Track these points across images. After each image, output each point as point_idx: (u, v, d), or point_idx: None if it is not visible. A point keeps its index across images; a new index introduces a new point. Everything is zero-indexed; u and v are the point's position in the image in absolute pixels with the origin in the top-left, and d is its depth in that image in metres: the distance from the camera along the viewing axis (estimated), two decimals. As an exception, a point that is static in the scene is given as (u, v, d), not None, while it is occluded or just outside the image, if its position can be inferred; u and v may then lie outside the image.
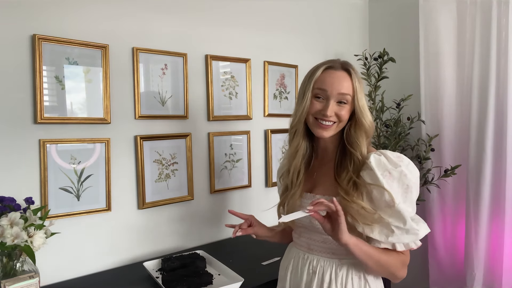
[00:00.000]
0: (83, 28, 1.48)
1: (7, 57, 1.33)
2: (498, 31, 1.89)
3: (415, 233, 0.96)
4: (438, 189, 2.19)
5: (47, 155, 1.41)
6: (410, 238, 0.97)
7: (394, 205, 0.95)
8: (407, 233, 0.96)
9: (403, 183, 0.97)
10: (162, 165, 1.72)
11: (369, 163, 0.98)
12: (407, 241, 0.98)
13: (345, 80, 1.03)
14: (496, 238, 1.97)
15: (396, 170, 0.97)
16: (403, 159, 1.00)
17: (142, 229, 1.68)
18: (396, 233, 0.96)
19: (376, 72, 2.24)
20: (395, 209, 0.95)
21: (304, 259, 1.12)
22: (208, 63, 1.84)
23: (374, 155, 1.00)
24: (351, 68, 1.06)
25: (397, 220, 0.96)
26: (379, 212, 0.97)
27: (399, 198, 0.96)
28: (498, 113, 1.92)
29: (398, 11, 2.47)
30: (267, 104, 2.11)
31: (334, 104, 1.03)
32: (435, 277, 2.26)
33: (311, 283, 1.07)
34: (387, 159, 0.99)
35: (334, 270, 1.05)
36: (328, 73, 1.05)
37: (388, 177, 0.96)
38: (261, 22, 2.07)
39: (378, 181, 0.96)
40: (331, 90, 1.03)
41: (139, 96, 1.63)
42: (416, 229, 0.96)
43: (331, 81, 1.03)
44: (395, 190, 0.96)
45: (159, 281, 1.37)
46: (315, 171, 1.14)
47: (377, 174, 0.96)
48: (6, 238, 1.10)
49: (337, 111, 1.03)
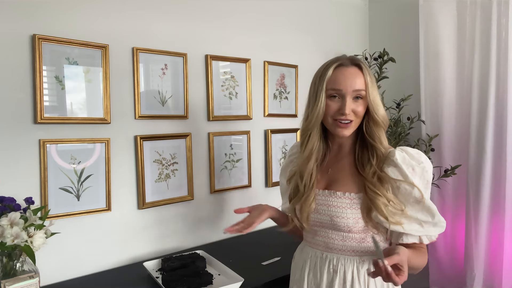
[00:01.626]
0: (83, 28, 1.48)
1: (7, 57, 1.33)
2: (498, 31, 1.89)
3: (441, 226, 1.00)
4: (438, 189, 2.19)
5: (47, 155, 1.41)
6: (437, 231, 1.01)
7: (423, 200, 0.98)
8: (434, 226, 1.00)
9: (424, 178, 1.00)
10: (162, 165, 1.72)
11: (395, 160, 0.99)
12: (433, 233, 1.01)
13: (358, 76, 1.02)
14: (496, 238, 1.97)
15: (419, 167, 0.99)
16: (421, 155, 1.03)
17: (142, 229, 1.68)
18: (425, 227, 1.00)
19: (376, 72, 2.24)
20: (424, 204, 0.98)
21: (322, 259, 1.09)
22: (208, 63, 1.84)
23: (398, 151, 1.01)
24: (361, 62, 1.04)
25: (426, 214, 0.99)
26: (408, 207, 1.00)
27: (425, 194, 0.99)
28: (498, 113, 1.92)
29: (398, 11, 2.47)
30: (267, 104, 2.11)
31: (351, 102, 1.02)
32: (435, 277, 2.26)
33: (333, 283, 1.05)
34: (409, 155, 1.01)
35: (355, 268, 1.04)
36: (340, 71, 1.03)
37: (412, 173, 0.98)
38: (261, 22, 2.07)
39: (407, 178, 0.98)
40: (346, 88, 1.01)
41: (139, 96, 1.63)
42: (442, 221, 1.00)
43: (344, 79, 1.01)
44: (420, 186, 0.98)
45: (159, 281, 1.37)
46: (330, 167, 1.12)
47: (406, 171, 0.98)
48: (6, 238, 1.10)
49: (354, 108, 1.02)
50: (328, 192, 1.08)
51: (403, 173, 0.99)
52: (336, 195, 1.06)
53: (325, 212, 1.06)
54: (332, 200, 1.06)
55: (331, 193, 1.07)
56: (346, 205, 1.03)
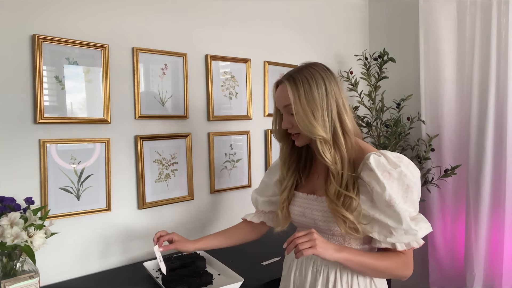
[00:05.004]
0: (83, 28, 1.48)
1: (7, 57, 1.33)
2: (498, 31, 1.89)
3: (413, 234, 0.97)
4: (438, 189, 2.19)
5: (47, 155, 1.41)
6: (410, 238, 0.98)
7: (393, 206, 0.94)
8: (405, 233, 0.97)
9: (403, 183, 0.96)
10: (162, 165, 1.72)
11: (369, 163, 0.97)
12: (406, 241, 0.98)
13: (284, 91, 1.05)
14: (496, 238, 1.97)
15: (396, 171, 0.96)
16: (402, 159, 0.99)
17: (142, 229, 1.68)
18: (395, 234, 0.97)
19: (376, 72, 2.24)
20: (394, 209, 0.95)
21: (308, 258, 1.12)
22: (208, 63, 1.84)
23: (374, 155, 0.99)
24: (289, 77, 1.05)
25: (396, 220, 0.96)
26: (379, 212, 0.98)
27: (399, 199, 0.95)
28: (498, 113, 1.92)
29: (398, 11, 2.47)
30: (267, 104, 2.11)
31: (287, 117, 1.07)
32: (435, 277, 2.26)
33: (316, 283, 1.08)
34: (387, 159, 0.98)
35: (338, 269, 1.06)
36: (277, 90, 1.10)
37: (388, 178, 0.96)
38: (261, 22, 2.07)
39: (379, 182, 0.96)
40: (279, 105, 1.09)
41: (139, 96, 1.63)
42: (414, 229, 0.96)
43: (277, 97, 1.10)
44: (395, 191, 0.95)
45: (159, 281, 1.37)
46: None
47: (377, 174, 0.96)
48: (6, 238, 1.10)
49: (291, 121, 1.06)
50: (313, 196, 1.12)
51: (375, 177, 0.96)
52: (319, 200, 1.09)
53: (309, 215, 1.11)
54: (315, 204, 1.10)
55: (315, 198, 1.11)
56: (327, 210, 1.05)
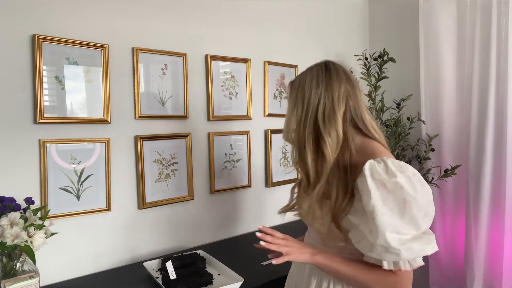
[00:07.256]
0: (83, 28, 1.48)
1: (7, 57, 1.33)
2: (498, 31, 1.89)
3: (395, 253, 0.84)
4: (438, 189, 2.19)
5: (47, 155, 1.41)
6: (391, 257, 0.86)
7: (374, 218, 0.84)
8: (386, 251, 0.85)
9: (399, 196, 0.85)
10: (162, 165, 1.72)
11: (364, 169, 0.88)
12: (389, 259, 0.87)
13: None
14: (496, 238, 1.97)
15: (390, 181, 0.85)
16: (405, 170, 0.88)
17: (142, 229, 1.68)
18: (374, 250, 0.87)
19: (376, 72, 2.24)
20: (374, 222, 0.85)
21: None
22: (208, 63, 1.84)
23: (372, 161, 0.89)
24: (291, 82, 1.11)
25: (374, 234, 0.85)
26: (363, 224, 0.89)
27: (385, 212, 0.84)
28: (498, 113, 1.92)
29: (398, 11, 2.47)
30: (267, 104, 2.11)
31: None
32: (435, 277, 2.26)
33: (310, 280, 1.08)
34: (386, 167, 0.88)
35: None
36: None
37: (379, 187, 0.85)
38: (261, 22, 2.07)
39: (367, 189, 0.86)
40: None
41: (139, 96, 1.63)
42: (395, 248, 0.84)
43: None
44: (388, 204, 0.85)
45: (159, 281, 1.37)
46: None
47: (367, 182, 0.86)
48: (6, 238, 1.10)
49: None
50: None
51: (365, 184, 0.86)
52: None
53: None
54: None
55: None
56: None
